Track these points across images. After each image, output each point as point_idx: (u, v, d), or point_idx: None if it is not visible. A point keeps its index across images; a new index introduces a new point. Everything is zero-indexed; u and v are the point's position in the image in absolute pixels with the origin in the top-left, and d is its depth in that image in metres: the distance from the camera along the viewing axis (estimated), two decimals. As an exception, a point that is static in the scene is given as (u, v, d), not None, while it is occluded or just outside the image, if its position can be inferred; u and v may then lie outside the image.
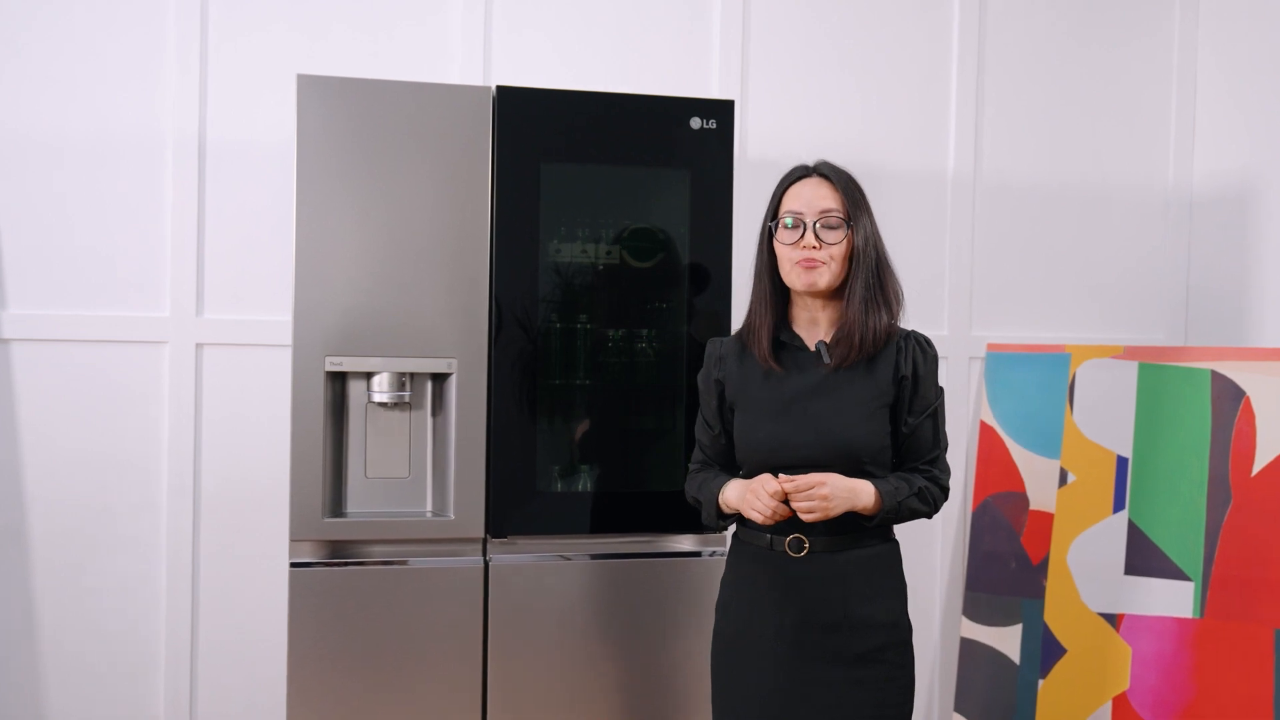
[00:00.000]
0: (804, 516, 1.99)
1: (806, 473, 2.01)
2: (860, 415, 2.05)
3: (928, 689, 3.41)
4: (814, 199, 2.08)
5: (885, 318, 2.06)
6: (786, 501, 2.00)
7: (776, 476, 2.01)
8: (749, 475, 2.13)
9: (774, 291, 2.14)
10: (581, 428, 2.56)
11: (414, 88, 2.45)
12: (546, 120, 2.49)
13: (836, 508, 1.99)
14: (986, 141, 3.42)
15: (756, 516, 2.02)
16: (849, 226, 2.06)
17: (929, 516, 2.11)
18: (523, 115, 2.48)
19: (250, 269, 2.93)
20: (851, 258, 2.07)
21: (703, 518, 2.19)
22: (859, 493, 2.01)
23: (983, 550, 3.24)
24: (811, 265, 2.05)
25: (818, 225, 2.06)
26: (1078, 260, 3.50)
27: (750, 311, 2.17)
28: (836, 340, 2.08)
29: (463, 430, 2.46)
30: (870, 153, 3.30)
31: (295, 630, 2.40)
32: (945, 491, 2.12)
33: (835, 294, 2.10)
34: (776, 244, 2.11)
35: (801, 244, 2.06)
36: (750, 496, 2.03)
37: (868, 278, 2.06)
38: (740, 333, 2.20)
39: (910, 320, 2.17)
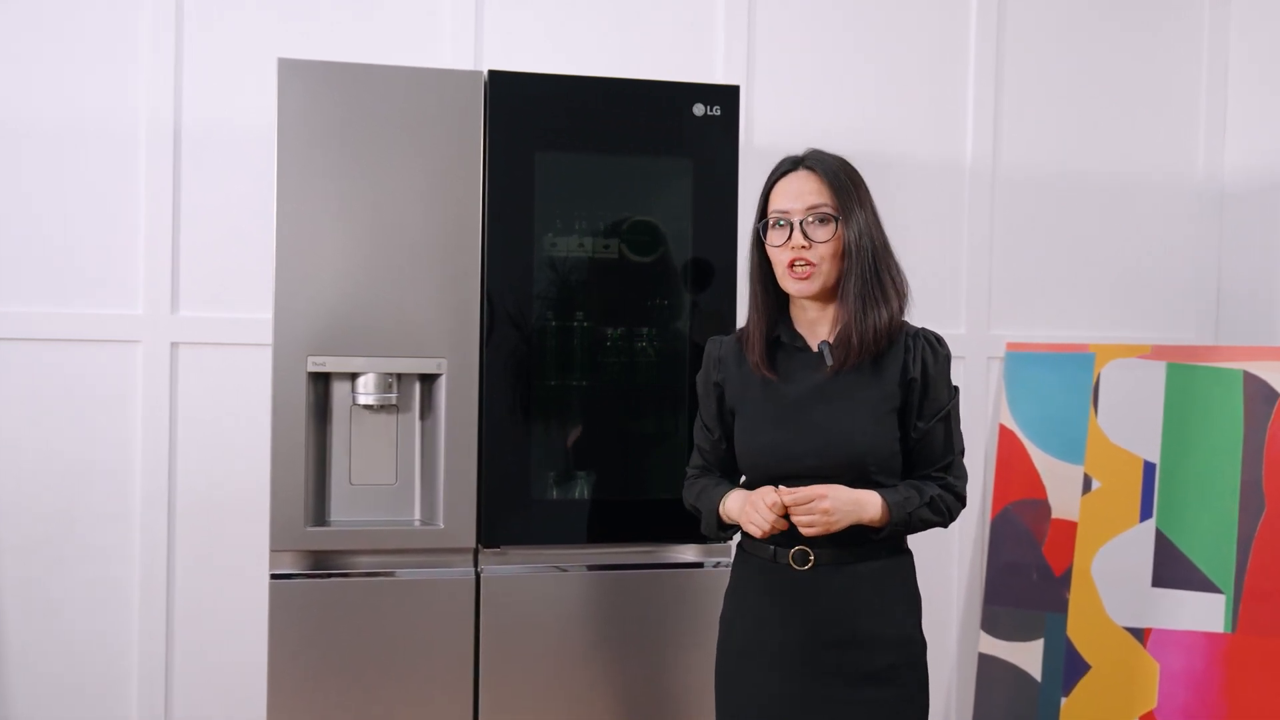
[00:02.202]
0: (805, 531, 1.98)
1: (810, 482, 2.01)
2: (866, 420, 2.05)
3: (944, 708, 3.41)
4: (801, 194, 2.07)
5: (885, 315, 2.04)
6: (788, 515, 2.00)
7: (778, 488, 2.01)
8: (750, 483, 2.14)
9: (766, 295, 2.14)
10: (578, 432, 2.56)
11: (401, 72, 2.45)
12: (541, 107, 2.49)
13: (840, 522, 1.98)
14: (1006, 128, 3.42)
15: (754, 530, 2.02)
16: (839, 221, 2.05)
17: (943, 526, 2.10)
18: (516, 101, 2.48)
19: (229, 264, 2.93)
20: (845, 254, 2.05)
21: (702, 527, 2.19)
22: (864, 505, 2.00)
23: (1002, 561, 3.24)
24: (804, 275, 2.05)
25: (805, 222, 2.05)
26: (1102, 255, 3.50)
27: (748, 317, 2.17)
28: (838, 341, 2.07)
29: (453, 434, 2.46)
30: (883, 140, 3.31)
31: (276, 645, 2.40)
32: (961, 499, 2.11)
33: (834, 293, 2.09)
34: (768, 247, 2.10)
35: (790, 244, 2.05)
36: (749, 509, 2.02)
37: (863, 273, 2.04)
38: (739, 334, 2.20)
39: (926, 318, 2.16)
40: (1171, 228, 3.55)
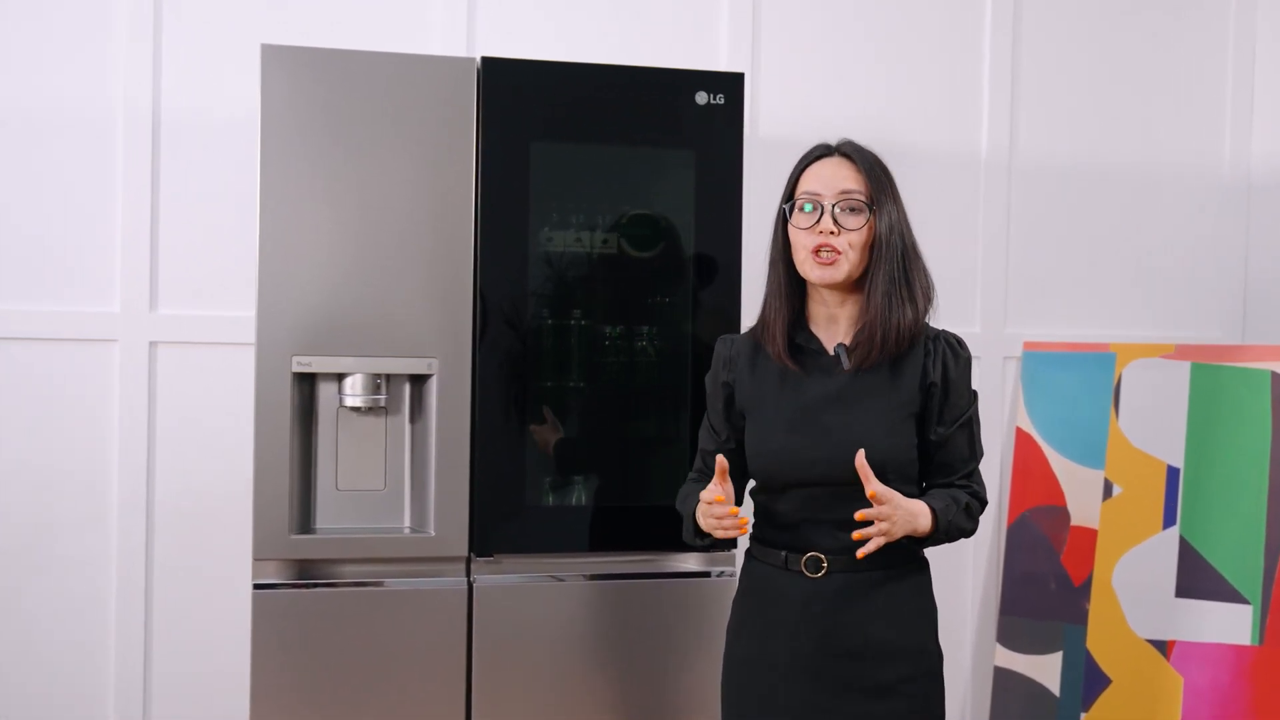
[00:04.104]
0: (864, 549, 1.94)
1: (823, 489, 2.01)
2: (883, 427, 2.04)
3: (958, 724, 3.41)
4: (834, 179, 2.07)
5: (910, 315, 2.05)
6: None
7: (791, 489, 2.02)
8: (761, 489, 2.13)
9: (789, 283, 2.12)
10: (575, 435, 2.56)
11: (390, 59, 2.45)
12: (537, 95, 2.49)
13: (895, 533, 1.96)
14: (1023, 118, 3.42)
15: (715, 532, 2.02)
16: (871, 211, 2.05)
17: (969, 536, 2.11)
18: (510, 89, 2.48)
19: (210, 259, 2.93)
20: (873, 246, 2.05)
21: (683, 534, 2.18)
22: (918, 515, 1.99)
23: (1019, 570, 3.24)
24: (829, 260, 2.04)
25: (836, 208, 2.05)
26: (1124, 250, 3.50)
27: (765, 305, 2.15)
28: (857, 341, 2.07)
29: (444, 438, 2.46)
30: (894, 130, 3.30)
31: (259, 659, 2.39)
32: (985, 506, 2.13)
33: (856, 287, 2.08)
34: (791, 229, 2.09)
35: (818, 229, 2.04)
36: (706, 516, 2.02)
37: (891, 269, 2.04)
38: (754, 330, 2.18)
39: (939, 316, 2.16)
40: (1196, 221, 3.55)
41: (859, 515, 1.94)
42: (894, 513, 1.94)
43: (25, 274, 2.87)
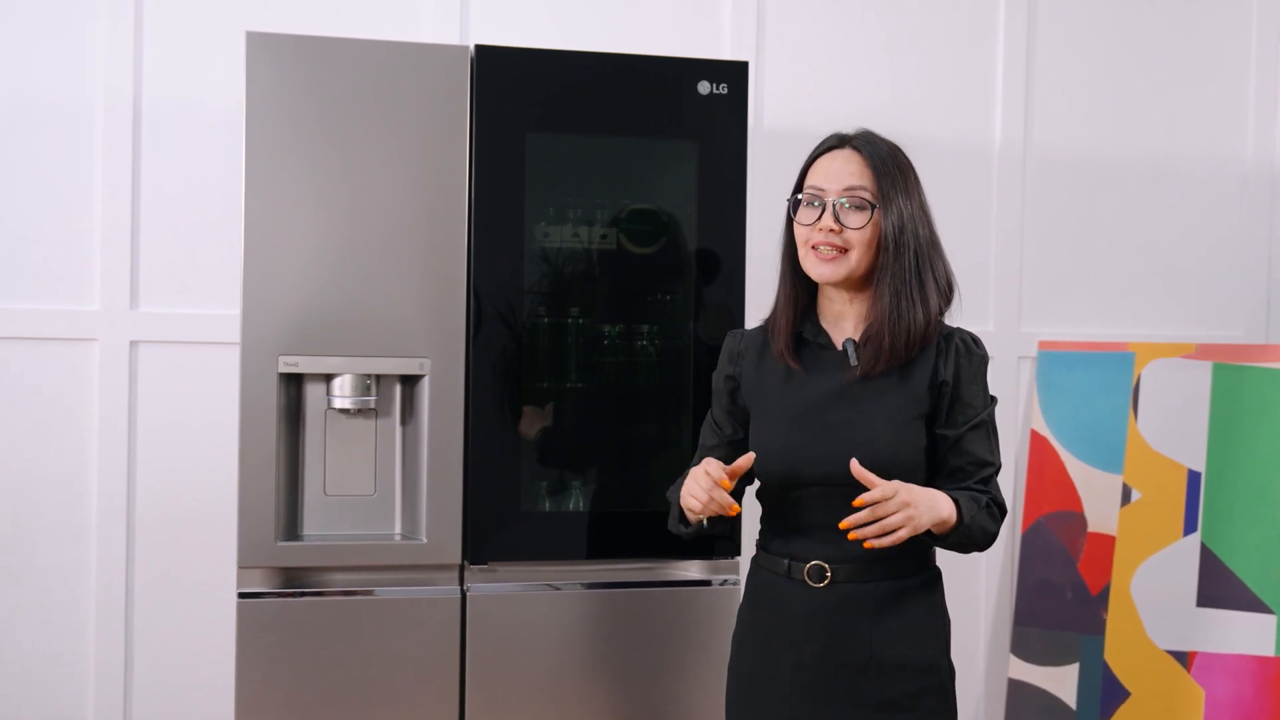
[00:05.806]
0: (891, 539, 1.90)
1: (827, 490, 2.00)
2: (890, 428, 2.04)
3: (970, 738, 3.41)
4: (840, 174, 2.06)
5: (921, 316, 2.03)
6: (740, 498, 1.98)
7: (794, 490, 2.01)
8: (764, 489, 2.13)
9: (796, 278, 2.13)
10: (573, 438, 2.56)
11: (380, 47, 2.45)
12: (533, 84, 2.49)
13: (920, 517, 1.91)
14: (1038, 108, 3.42)
15: (694, 504, 1.97)
16: (876, 209, 2.04)
17: (988, 543, 2.06)
18: (506, 78, 2.48)
19: (193, 255, 2.93)
20: (880, 244, 2.05)
21: (668, 522, 2.16)
22: (938, 501, 1.95)
23: (1034, 579, 3.23)
24: (830, 257, 2.04)
25: (839, 204, 2.04)
26: (1143, 245, 3.50)
27: (774, 299, 2.16)
28: (865, 339, 2.06)
29: (437, 441, 2.46)
30: (904, 121, 3.30)
31: (244, 670, 2.39)
32: (1004, 515, 2.09)
33: (864, 284, 2.08)
34: (795, 225, 2.10)
35: (819, 225, 2.05)
36: (689, 482, 1.99)
37: (902, 269, 2.03)
38: (764, 325, 2.19)
39: (951, 315, 2.15)
40: (1218, 216, 3.54)
41: (857, 501, 1.90)
42: (909, 498, 1.90)
43: (1, 271, 2.87)
